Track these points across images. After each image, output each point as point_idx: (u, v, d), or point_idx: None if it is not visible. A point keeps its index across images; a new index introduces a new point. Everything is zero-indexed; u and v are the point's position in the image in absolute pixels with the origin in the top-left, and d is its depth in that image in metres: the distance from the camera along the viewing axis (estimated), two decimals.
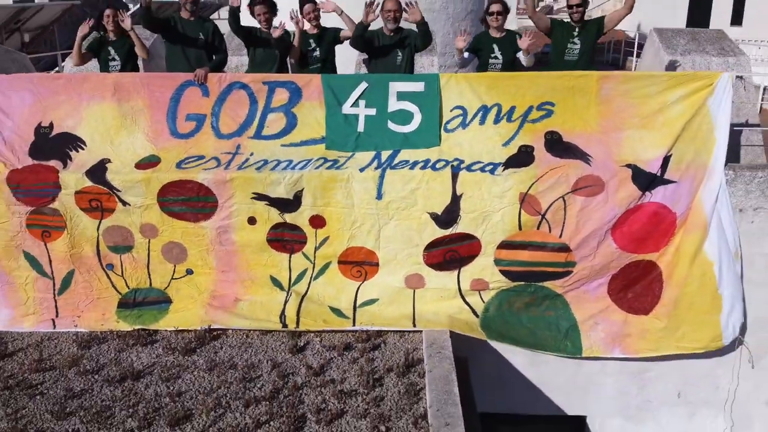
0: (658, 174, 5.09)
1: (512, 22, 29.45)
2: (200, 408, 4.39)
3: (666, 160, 5.10)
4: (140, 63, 6.13)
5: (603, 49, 19.61)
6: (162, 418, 4.33)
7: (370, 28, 5.72)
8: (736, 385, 5.80)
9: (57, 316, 5.56)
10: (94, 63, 6.16)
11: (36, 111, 5.54)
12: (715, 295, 5.16)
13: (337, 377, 4.70)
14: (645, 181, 5.08)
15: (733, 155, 6.01)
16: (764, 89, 14.30)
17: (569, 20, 5.78)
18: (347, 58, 6.60)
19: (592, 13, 28.73)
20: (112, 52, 5.81)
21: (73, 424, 4.33)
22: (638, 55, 16.57)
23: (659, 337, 5.27)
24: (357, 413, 4.30)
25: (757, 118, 6.44)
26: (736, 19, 24.80)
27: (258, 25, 5.84)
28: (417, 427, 4.12)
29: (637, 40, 16.74)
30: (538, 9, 9.23)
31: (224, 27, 6.25)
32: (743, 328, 5.41)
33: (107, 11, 5.72)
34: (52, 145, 5.47)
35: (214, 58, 5.89)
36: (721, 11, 24.60)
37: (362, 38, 5.78)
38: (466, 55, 5.81)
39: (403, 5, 5.71)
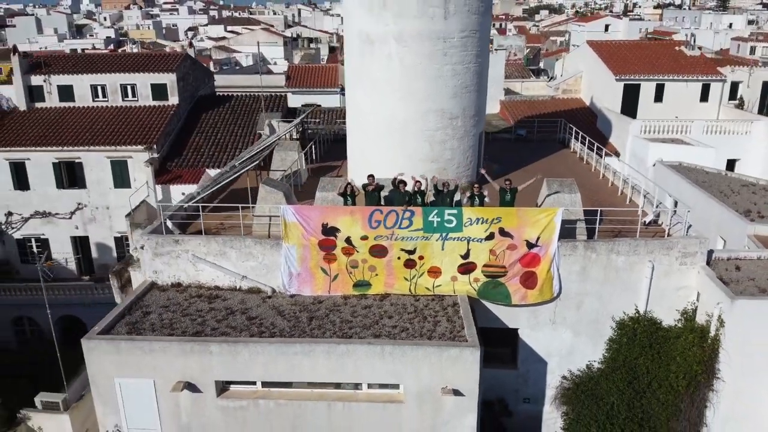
0: (535, 243, 15.48)
1: (500, 83, 39.75)
2: (392, 312, 14.82)
3: (538, 238, 15.49)
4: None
5: (556, 130, 29.90)
6: (381, 314, 14.72)
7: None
8: (563, 315, 16.22)
9: (330, 290, 15.94)
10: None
11: (321, 218, 15.85)
12: (552, 282, 15.64)
13: (431, 307, 15.15)
14: (530, 245, 15.47)
15: (573, 234, 16.38)
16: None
17: (505, 188, 16.20)
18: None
19: (563, 80, 38.90)
20: (349, 199, 16.20)
21: (361, 313, 14.70)
22: (575, 137, 26.90)
23: (536, 296, 15.73)
24: (442, 315, 14.72)
25: (581, 215, 16.65)
26: (658, 97, 35.26)
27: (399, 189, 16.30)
28: (459, 318, 14.50)
29: (574, 132, 26.96)
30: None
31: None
32: (559, 292, 15.84)
33: (349, 190, 16.14)
34: (329, 231, 15.79)
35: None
36: (647, 92, 34.99)
37: (435, 189, 16.23)
38: (465, 200, 16.24)
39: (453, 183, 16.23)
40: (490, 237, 15.57)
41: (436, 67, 19.09)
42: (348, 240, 15.70)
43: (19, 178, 30.89)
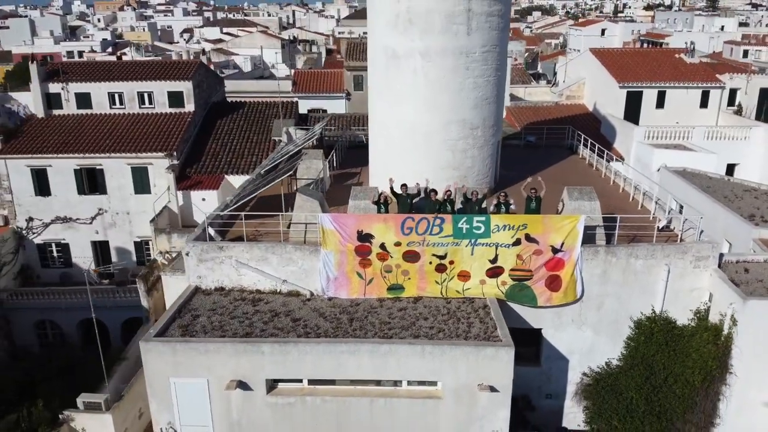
0: (559, 248, 16.49)
1: (506, 89, 40.58)
2: (427, 314, 15.79)
3: (562, 244, 16.50)
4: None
5: (564, 136, 30.95)
6: (416, 316, 15.68)
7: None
8: (585, 316, 17.25)
9: (364, 293, 16.88)
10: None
11: (356, 225, 16.79)
12: (576, 285, 16.65)
13: (463, 309, 16.13)
14: (555, 250, 16.48)
15: (592, 239, 17.40)
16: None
17: (530, 196, 17.22)
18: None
19: (569, 89, 39.86)
20: (382, 207, 17.15)
21: (397, 315, 15.66)
22: (584, 144, 27.93)
23: (560, 298, 16.75)
24: (474, 317, 15.71)
25: (601, 221, 17.69)
26: (660, 104, 36.38)
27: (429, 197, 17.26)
28: (491, 319, 15.49)
29: (582, 139, 28.01)
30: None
31: None
32: (582, 294, 16.86)
33: (382, 198, 17.07)
34: (363, 237, 16.74)
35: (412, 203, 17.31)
36: (649, 99, 36.10)
37: (465, 197, 17.20)
38: (492, 207, 17.22)
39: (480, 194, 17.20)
40: (517, 243, 16.56)
41: (458, 80, 20.08)
42: (382, 246, 16.64)
43: (41, 184, 31.55)
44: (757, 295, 15.92)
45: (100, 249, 32.70)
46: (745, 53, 74.07)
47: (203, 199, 30.39)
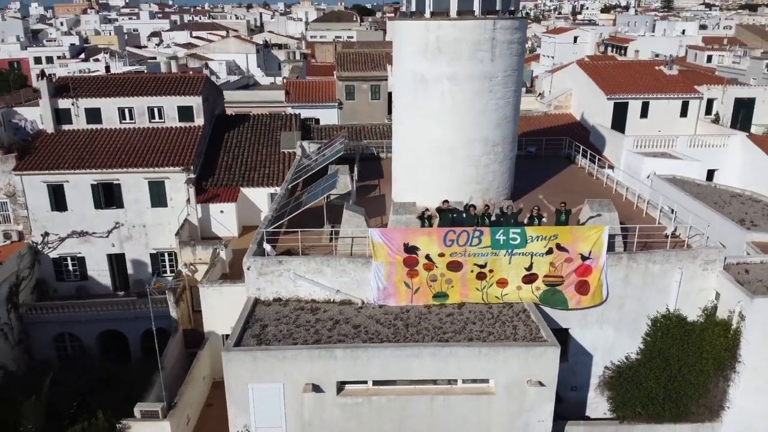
0: (588, 256, 18.41)
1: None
2: (474, 319, 17.51)
3: (590, 252, 18.43)
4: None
5: (562, 147, 33.09)
6: (464, 321, 17.38)
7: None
8: (607, 315, 19.23)
9: (411, 301, 18.51)
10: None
11: (403, 238, 18.40)
12: (602, 288, 18.62)
13: (503, 312, 17.92)
14: (583, 258, 18.40)
15: (612, 246, 19.38)
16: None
17: (560, 209, 19.11)
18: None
19: (559, 99, 41.92)
20: (426, 222, 18.79)
21: (447, 320, 17.31)
22: (582, 154, 30.02)
23: (588, 300, 18.70)
24: (515, 319, 17.50)
25: (619, 230, 19.69)
26: (644, 114, 38.90)
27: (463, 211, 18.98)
28: (533, 322, 17.29)
29: (582, 150, 30.08)
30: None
31: None
32: (607, 296, 18.82)
33: (427, 214, 18.74)
34: (410, 250, 18.35)
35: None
36: (634, 110, 38.59)
37: (501, 211, 18.99)
38: (526, 220, 19.06)
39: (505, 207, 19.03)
40: (549, 252, 18.42)
41: (482, 102, 21.88)
42: (428, 257, 18.29)
43: (57, 199, 32.17)
44: (760, 293, 18.09)
45: (116, 262, 33.49)
46: (709, 58, 77.97)
47: (221, 212, 31.53)
